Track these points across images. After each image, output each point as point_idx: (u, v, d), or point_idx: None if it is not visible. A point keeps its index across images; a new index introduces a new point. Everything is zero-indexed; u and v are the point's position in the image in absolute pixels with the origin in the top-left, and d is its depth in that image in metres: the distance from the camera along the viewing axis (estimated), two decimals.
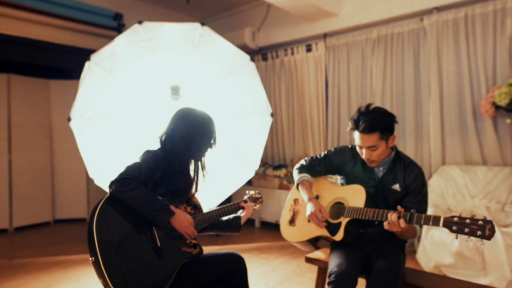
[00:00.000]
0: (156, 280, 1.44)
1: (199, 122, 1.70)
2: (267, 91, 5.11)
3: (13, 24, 4.07)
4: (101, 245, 1.37)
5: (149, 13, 4.99)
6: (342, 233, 1.79)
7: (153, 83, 3.94)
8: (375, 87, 4.05)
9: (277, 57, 4.94)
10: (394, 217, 1.60)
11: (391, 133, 1.82)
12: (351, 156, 1.98)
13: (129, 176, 1.47)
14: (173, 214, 1.51)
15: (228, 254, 1.67)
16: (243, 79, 4.13)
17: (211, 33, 3.95)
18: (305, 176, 2.05)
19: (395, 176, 1.87)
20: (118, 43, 3.80)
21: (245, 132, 4.18)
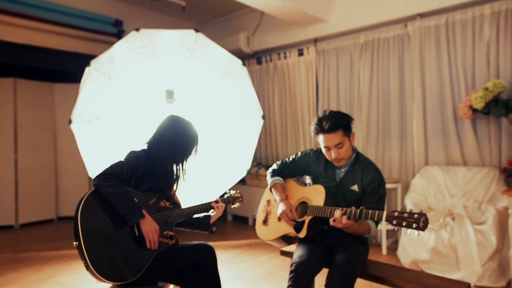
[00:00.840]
0: (132, 266, 1.63)
1: (185, 131, 1.87)
2: (261, 93, 5.30)
3: (19, 32, 4.31)
4: (84, 231, 1.57)
5: (148, 20, 5.20)
6: (305, 231, 1.95)
7: (150, 87, 4.14)
8: (363, 90, 4.20)
9: (270, 61, 5.12)
10: (338, 214, 1.76)
11: (351, 130, 1.99)
12: (315, 158, 2.14)
13: (112, 172, 1.65)
14: (142, 217, 1.69)
15: (199, 244, 1.86)
16: (236, 83, 4.32)
17: (205, 39, 4.14)
18: (277, 179, 2.22)
19: (354, 177, 2.02)
20: (116, 49, 4.01)
21: (237, 133, 4.36)
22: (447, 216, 3.25)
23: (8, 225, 4.91)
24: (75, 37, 4.66)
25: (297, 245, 2.07)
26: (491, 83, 3.12)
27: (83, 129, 4.07)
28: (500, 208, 3.07)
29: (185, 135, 1.86)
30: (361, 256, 1.94)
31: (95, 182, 1.63)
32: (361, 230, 1.87)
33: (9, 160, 4.90)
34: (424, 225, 1.55)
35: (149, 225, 1.71)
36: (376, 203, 1.95)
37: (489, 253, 2.89)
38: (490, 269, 2.91)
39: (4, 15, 4.11)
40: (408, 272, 1.99)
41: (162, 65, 4.15)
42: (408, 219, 1.60)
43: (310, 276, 1.82)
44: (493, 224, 2.96)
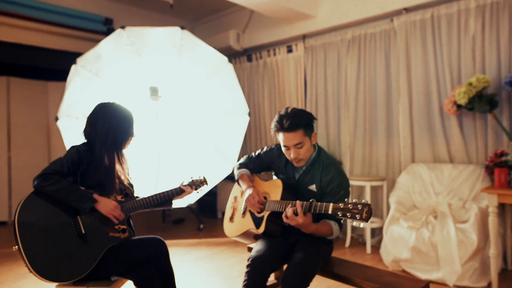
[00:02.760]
0: (80, 264, 1.63)
1: (113, 115, 1.82)
2: (252, 91, 5.28)
3: (12, 31, 4.37)
4: (22, 234, 1.57)
5: (139, 18, 5.22)
6: (263, 226, 1.93)
7: (137, 84, 4.16)
8: (350, 86, 4.14)
9: (260, 58, 5.09)
10: (290, 211, 1.70)
11: (313, 129, 1.94)
12: (278, 154, 2.10)
13: (51, 171, 1.65)
14: (95, 201, 1.68)
15: (151, 238, 1.84)
16: (223, 80, 4.31)
17: (191, 36, 4.14)
18: (244, 170, 2.19)
19: (312, 177, 1.96)
20: (102, 47, 4.03)
21: (224, 130, 4.36)
22: (430, 214, 3.18)
23: (2, 221, 4.98)
24: (66, 35, 4.70)
25: None
26: (475, 78, 3.05)
27: (69, 126, 4.11)
28: (484, 207, 2.99)
29: (114, 120, 1.80)
30: (321, 255, 1.89)
31: (35, 184, 1.63)
32: (322, 232, 1.81)
33: (3, 158, 4.97)
34: (367, 215, 1.51)
35: (106, 205, 1.71)
36: None
37: (470, 252, 2.82)
38: (471, 269, 2.83)
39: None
40: (369, 270, 1.94)
41: (149, 62, 4.16)
42: (352, 210, 1.55)
43: (266, 272, 1.79)
44: (475, 223, 2.88)
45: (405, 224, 3.14)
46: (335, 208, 1.60)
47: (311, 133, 1.92)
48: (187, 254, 3.72)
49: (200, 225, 4.71)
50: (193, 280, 3.04)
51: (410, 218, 3.21)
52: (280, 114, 1.89)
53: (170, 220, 5.13)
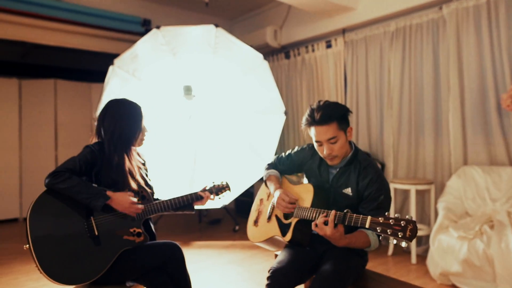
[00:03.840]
0: (91, 267, 1.57)
1: (119, 111, 1.75)
2: (290, 89, 5.10)
3: (58, 36, 4.55)
4: (34, 233, 1.53)
5: (176, 18, 5.23)
6: (290, 234, 1.76)
7: (173, 83, 4.15)
8: (393, 82, 3.84)
9: (298, 55, 4.90)
10: (320, 219, 1.53)
11: (348, 124, 1.73)
12: (310, 154, 1.92)
13: (62, 169, 1.60)
14: (108, 198, 1.61)
15: (165, 243, 1.74)
16: (259, 78, 4.19)
17: (226, 34, 4.06)
18: (272, 171, 2.04)
19: (347, 179, 1.76)
20: (139, 47, 4.06)
21: (259, 129, 4.24)
22: (485, 224, 2.83)
23: None
24: (107, 38, 4.82)
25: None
26: None
27: None
28: None
29: (120, 114, 1.73)
30: (353, 268, 1.70)
31: (46, 182, 1.59)
32: (356, 245, 1.62)
33: (50, 156, 5.20)
34: (411, 235, 1.30)
35: (120, 202, 1.64)
36: (374, 211, 1.67)
37: None
38: None
39: (43, 20, 4.35)
40: (407, 287, 1.71)
41: (185, 62, 4.14)
42: (394, 227, 1.35)
43: (287, 286, 1.62)
44: None
45: (456, 234, 2.82)
46: (373, 222, 1.41)
47: (346, 127, 1.72)
48: (220, 256, 3.64)
49: (235, 226, 4.62)
50: (224, 284, 2.94)
51: (462, 227, 2.88)
52: (312, 107, 1.72)
53: (206, 220, 5.10)
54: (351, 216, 1.49)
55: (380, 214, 1.49)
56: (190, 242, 4.11)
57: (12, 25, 4.29)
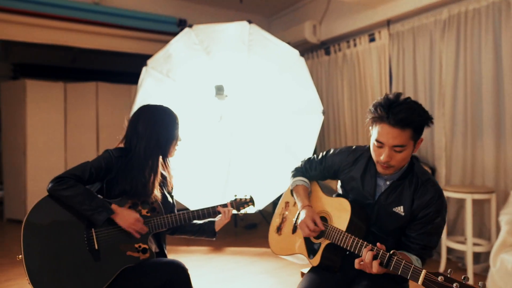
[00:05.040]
0: (88, 283, 1.43)
1: (156, 117, 1.65)
2: (330, 87, 4.80)
3: (97, 39, 4.64)
4: (26, 244, 1.42)
5: (212, 16, 5.12)
6: (318, 258, 1.51)
7: (208, 83, 4.04)
8: (446, 77, 3.42)
9: (339, 50, 4.58)
10: (369, 256, 1.26)
11: (421, 134, 1.41)
12: (352, 160, 1.60)
13: (67, 175, 1.49)
14: (112, 213, 1.49)
15: (169, 262, 1.57)
16: (295, 76, 3.97)
17: (260, 30, 3.87)
18: (300, 179, 1.74)
19: (400, 196, 1.46)
20: (172, 47, 4.00)
21: (296, 130, 4.00)
22: None
23: None
24: (144, 39, 4.83)
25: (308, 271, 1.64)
26: None
27: None
28: None
29: (155, 120, 1.63)
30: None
31: (48, 187, 1.48)
32: None
33: (92, 157, 5.25)
34: None
35: (126, 218, 1.52)
36: (426, 235, 1.41)
37: None
38: None
39: (85, 24, 4.44)
40: None
41: (218, 60, 4.01)
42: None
43: None
44: None
45: None
46: (428, 280, 1.10)
47: (419, 138, 1.41)
48: (253, 264, 3.45)
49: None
50: None
51: None
52: (391, 99, 1.37)
53: (243, 224, 4.94)
54: (398, 261, 1.20)
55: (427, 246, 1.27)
56: (223, 248, 3.97)
57: (61, 31, 4.41)
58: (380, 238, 1.49)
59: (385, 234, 1.49)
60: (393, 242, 1.48)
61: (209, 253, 3.84)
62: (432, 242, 1.41)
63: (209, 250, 3.92)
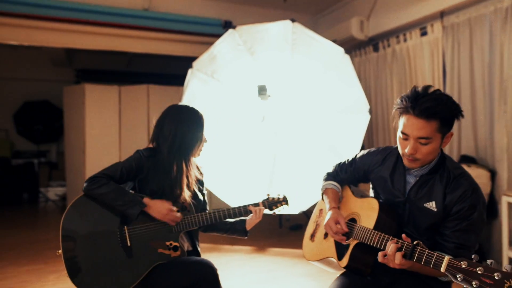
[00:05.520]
0: (120, 279, 1.49)
1: (181, 118, 1.67)
2: (379, 84, 4.60)
3: (147, 43, 4.87)
4: (65, 240, 1.50)
5: (257, 16, 5.12)
6: (347, 259, 1.46)
7: (251, 83, 4.06)
8: (507, 72, 3.12)
9: (388, 46, 4.37)
10: (392, 248, 1.21)
11: (451, 127, 1.36)
12: (381, 159, 1.56)
13: (100, 175, 1.56)
14: (144, 206, 1.53)
15: (198, 261, 1.59)
16: (340, 74, 3.86)
17: (303, 29, 3.82)
18: (330, 183, 1.72)
19: (431, 191, 1.39)
20: (216, 49, 4.07)
21: (341, 130, 3.89)
22: None
23: None
24: (191, 42, 4.98)
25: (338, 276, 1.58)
26: None
27: None
28: None
29: (181, 121, 1.64)
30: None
31: (84, 187, 1.56)
32: (429, 270, 1.25)
33: None
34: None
35: (158, 209, 1.56)
36: (462, 233, 1.32)
37: None
38: None
39: (134, 30, 4.67)
40: None
41: (262, 61, 4.02)
42: (483, 278, 0.98)
43: None
44: None
45: None
46: (452, 266, 1.06)
47: (447, 131, 1.35)
48: (294, 267, 3.41)
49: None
50: None
51: None
52: (416, 91, 1.35)
53: (287, 225, 4.90)
54: (422, 251, 1.15)
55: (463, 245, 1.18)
56: (266, 248, 3.96)
57: (116, 37, 4.69)
58: (413, 238, 1.40)
59: (419, 235, 1.41)
60: (429, 244, 1.38)
61: (252, 252, 3.86)
62: (470, 241, 1.31)
63: (252, 250, 3.93)
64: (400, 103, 1.36)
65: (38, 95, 6.89)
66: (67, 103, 5.76)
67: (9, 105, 6.79)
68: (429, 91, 1.34)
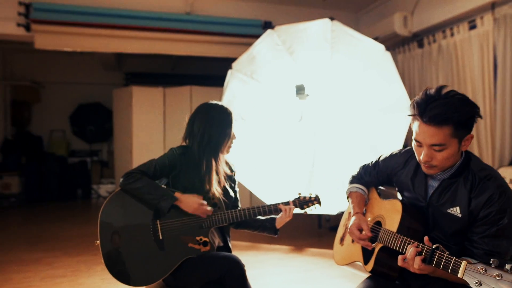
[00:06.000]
0: (152, 271, 1.57)
1: (209, 115, 1.73)
2: (424, 82, 4.42)
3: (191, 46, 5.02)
4: (102, 231, 1.61)
5: (298, 16, 5.10)
6: (372, 263, 1.43)
7: (290, 83, 4.07)
8: None
9: (434, 42, 4.18)
10: (412, 252, 1.17)
11: (469, 130, 1.27)
12: (403, 161, 1.50)
13: (135, 170, 1.66)
14: (175, 200, 1.60)
15: (225, 256, 1.63)
16: (381, 72, 3.77)
17: (342, 27, 3.77)
18: (355, 186, 1.67)
19: (454, 195, 1.31)
20: (255, 49, 4.12)
21: (382, 129, 3.79)
22: None
23: None
24: (231, 44, 5.06)
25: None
26: None
27: None
28: None
29: (209, 118, 1.71)
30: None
31: (120, 182, 1.66)
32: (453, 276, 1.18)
33: None
34: None
35: (189, 204, 1.63)
36: (491, 239, 1.23)
37: None
38: None
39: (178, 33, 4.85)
40: None
41: (302, 60, 4.01)
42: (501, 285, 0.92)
43: None
44: None
45: None
46: (470, 270, 1.00)
47: (465, 135, 1.26)
48: (331, 268, 3.36)
49: None
50: None
51: None
52: (427, 94, 1.27)
53: (327, 225, 4.84)
54: (441, 255, 1.10)
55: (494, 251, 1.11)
56: (304, 248, 3.94)
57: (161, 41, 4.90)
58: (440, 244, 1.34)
59: (447, 240, 1.34)
60: (457, 249, 1.31)
61: (290, 252, 3.86)
62: (501, 247, 1.22)
63: (290, 249, 3.93)
64: (411, 109, 1.29)
65: (91, 97, 7.35)
66: (116, 105, 6.09)
67: (66, 107, 7.31)
68: (442, 93, 1.25)
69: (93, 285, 2.91)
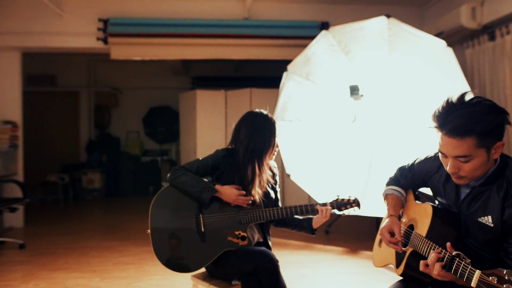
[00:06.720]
0: (195, 260, 1.74)
1: (254, 125, 1.84)
2: (496, 78, 4.08)
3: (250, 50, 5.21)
4: (152, 222, 1.80)
5: (356, 14, 4.99)
6: (403, 266, 1.42)
7: (347, 83, 4.05)
8: None
9: (507, 34, 3.83)
10: (433, 258, 1.15)
11: (498, 138, 1.20)
12: (436, 165, 1.44)
13: (180, 167, 1.84)
14: (215, 191, 1.74)
15: (259, 251, 1.73)
16: (442, 69, 3.61)
17: (399, 24, 3.69)
18: (391, 189, 1.64)
19: (486, 203, 1.25)
20: (310, 51, 4.18)
21: None
22: None
23: None
24: (289, 46, 5.13)
25: None
26: None
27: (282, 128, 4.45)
28: None
29: (254, 128, 1.81)
30: None
31: (167, 178, 1.83)
32: None
33: None
34: None
35: (229, 195, 1.76)
36: None
37: None
38: None
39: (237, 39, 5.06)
40: None
41: (359, 60, 3.97)
42: None
43: None
44: None
45: None
46: (483, 281, 0.98)
47: (494, 143, 1.20)
48: (383, 271, 3.27)
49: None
50: None
51: None
52: (449, 103, 1.22)
53: None
54: (459, 262, 1.07)
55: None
56: (358, 251, 3.89)
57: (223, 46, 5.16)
58: (474, 252, 1.28)
59: (481, 248, 1.28)
60: (492, 258, 1.25)
61: (343, 254, 3.83)
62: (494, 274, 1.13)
63: (344, 251, 3.90)
64: (432, 119, 1.26)
65: (161, 101, 7.93)
66: (182, 108, 6.52)
67: (140, 110, 7.97)
68: (465, 101, 1.18)
69: (155, 273, 3.20)
